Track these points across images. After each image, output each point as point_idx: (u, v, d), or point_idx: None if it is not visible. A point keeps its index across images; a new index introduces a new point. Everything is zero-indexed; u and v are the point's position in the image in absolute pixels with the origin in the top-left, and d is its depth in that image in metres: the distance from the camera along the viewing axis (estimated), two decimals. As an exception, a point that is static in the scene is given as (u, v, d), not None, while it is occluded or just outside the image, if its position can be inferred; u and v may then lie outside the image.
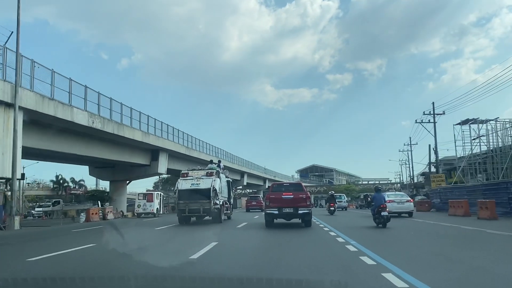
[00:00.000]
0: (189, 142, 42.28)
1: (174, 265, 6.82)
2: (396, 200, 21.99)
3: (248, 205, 39.43)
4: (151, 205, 33.22)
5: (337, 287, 5.09)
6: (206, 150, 47.83)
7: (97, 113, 24.58)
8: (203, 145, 46.68)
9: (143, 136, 31.15)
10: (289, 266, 6.74)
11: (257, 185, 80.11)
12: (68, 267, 7.51)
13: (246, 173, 66.94)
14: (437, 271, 6.00)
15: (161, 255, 8.62)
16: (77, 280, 5.84)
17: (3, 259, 9.41)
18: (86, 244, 11.04)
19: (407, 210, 21.89)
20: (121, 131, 27.47)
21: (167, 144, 36.37)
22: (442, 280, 5.36)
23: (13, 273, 6.88)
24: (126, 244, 8.97)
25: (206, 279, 5.74)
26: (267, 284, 5.38)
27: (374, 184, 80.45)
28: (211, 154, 49.97)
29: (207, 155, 47.71)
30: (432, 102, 43.17)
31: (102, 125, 24.72)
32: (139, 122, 30.71)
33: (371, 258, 7.13)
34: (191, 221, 19.94)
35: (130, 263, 7.11)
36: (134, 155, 33.94)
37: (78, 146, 26.51)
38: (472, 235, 11.91)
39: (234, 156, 62.00)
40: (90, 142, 27.96)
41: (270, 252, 8.86)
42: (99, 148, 29.20)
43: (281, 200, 14.83)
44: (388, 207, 18.02)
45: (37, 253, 9.18)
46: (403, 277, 5.35)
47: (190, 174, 19.92)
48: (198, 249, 8.54)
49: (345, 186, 79.65)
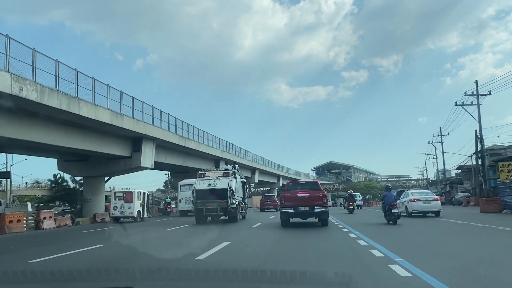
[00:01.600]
0: (184, 130, 34.82)
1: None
2: (421, 198, 20.55)
3: (262, 204, 38.44)
4: (130, 207, 25.92)
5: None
6: (207, 142, 40.43)
7: (31, 78, 17.16)
8: (202, 135, 39.11)
9: (113, 117, 23.60)
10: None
11: (270, 183, 74.00)
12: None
13: (258, 170, 60.04)
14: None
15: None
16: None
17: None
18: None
19: (434, 209, 20.25)
20: (75, 107, 20.02)
21: (152, 130, 28.63)
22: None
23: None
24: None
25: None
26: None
27: (395, 181, 76.84)
28: (214, 147, 42.68)
29: (208, 147, 40.41)
30: (475, 81, 36.24)
31: (38, 95, 17.33)
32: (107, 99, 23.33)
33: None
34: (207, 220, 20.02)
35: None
36: (109, 145, 26.65)
37: (25, 130, 19.61)
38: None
39: (243, 150, 54.53)
40: (49, 126, 21.04)
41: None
42: (63, 135, 22.18)
43: (296, 199, 14.56)
44: (412, 207, 19.84)
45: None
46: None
47: (207, 174, 20.41)
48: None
49: (366, 184, 73.53)
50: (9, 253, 10.89)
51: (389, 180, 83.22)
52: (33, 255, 9.44)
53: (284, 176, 74.07)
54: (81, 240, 13.59)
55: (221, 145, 44.93)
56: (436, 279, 5.06)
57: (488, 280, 5.30)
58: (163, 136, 30.44)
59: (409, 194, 21.44)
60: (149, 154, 29.73)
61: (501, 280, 5.38)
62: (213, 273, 5.61)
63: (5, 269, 7.02)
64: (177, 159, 36.32)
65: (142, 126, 27.43)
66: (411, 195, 21.17)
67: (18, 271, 6.28)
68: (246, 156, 54.56)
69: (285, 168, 77.66)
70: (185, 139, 34.62)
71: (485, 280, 5.29)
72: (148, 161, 29.66)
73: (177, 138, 33.16)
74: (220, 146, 44.77)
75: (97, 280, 5.52)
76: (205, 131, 40.04)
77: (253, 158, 57.85)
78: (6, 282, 5.41)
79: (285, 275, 5.32)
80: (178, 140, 33.32)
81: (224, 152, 45.41)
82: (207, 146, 40.21)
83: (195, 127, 37.57)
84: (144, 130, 27.63)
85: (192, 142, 36.38)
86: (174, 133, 32.55)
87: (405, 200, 21.17)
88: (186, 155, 37.75)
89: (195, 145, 36.98)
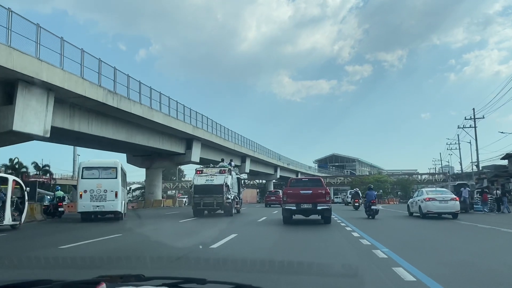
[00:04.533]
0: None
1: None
2: (438, 198, 17.56)
3: (267, 200, 39.30)
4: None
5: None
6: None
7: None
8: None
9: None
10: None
11: (265, 174, 63.02)
12: None
13: (249, 157, 51.01)
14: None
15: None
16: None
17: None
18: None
19: (451, 211, 17.42)
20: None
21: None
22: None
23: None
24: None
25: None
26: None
27: (401, 176, 70.55)
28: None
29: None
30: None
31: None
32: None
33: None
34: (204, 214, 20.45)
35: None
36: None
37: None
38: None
39: (230, 131, 47.78)
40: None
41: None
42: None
43: (299, 196, 14.16)
44: (427, 207, 17.49)
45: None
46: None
47: (204, 171, 21.34)
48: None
49: (376, 177, 64.41)
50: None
51: (394, 174, 78.06)
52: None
53: (282, 166, 64.98)
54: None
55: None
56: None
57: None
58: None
59: (424, 193, 18.89)
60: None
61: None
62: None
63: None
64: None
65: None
66: (426, 193, 18.53)
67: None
68: (234, 139, 44.77)
69: (285, 158, 67.78)
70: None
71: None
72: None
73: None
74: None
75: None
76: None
77: (242, 141, 47.62)
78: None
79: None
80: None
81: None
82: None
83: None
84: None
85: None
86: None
87: (419, 199, 18.45)
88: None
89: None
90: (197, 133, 34.48)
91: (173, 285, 1.59)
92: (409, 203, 20.21)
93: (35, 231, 14.06)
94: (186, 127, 32.41)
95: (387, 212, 24.12)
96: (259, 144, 55.41)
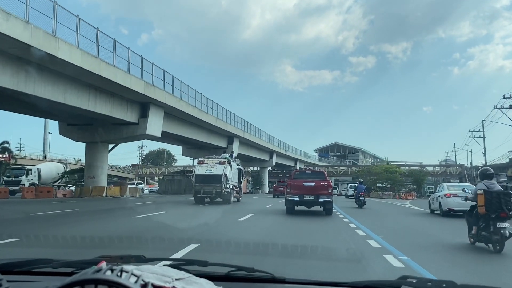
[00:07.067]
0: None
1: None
2: (460, 194, 14.88)
3: (275, 190, 37.88)
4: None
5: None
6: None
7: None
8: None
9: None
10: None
11: (259, 160, 54.70)
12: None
13: (238, 138, 41.69)
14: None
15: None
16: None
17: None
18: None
19: None
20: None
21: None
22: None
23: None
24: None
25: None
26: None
27: (411, 167, 62.24)
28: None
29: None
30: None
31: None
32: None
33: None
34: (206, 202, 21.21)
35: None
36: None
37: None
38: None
39: (261, 131, 48.48)
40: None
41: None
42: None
43: (302, 187, 14.53)
44: (447, 204, 15.70)
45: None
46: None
47: (205, 161, 21.86)
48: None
49: (385, 167, 53.23)
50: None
51: (401, 165, 65.05)
52: None
53: (279, 152, 57.55)
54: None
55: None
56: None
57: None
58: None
59: (445, 188, 16.94)
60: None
61: None
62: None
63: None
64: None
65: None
66: (447, 188, 16.62)
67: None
68: (217, 113, 36.30)
69: (282, 143, 59.96)
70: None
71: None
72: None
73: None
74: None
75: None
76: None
77: (231, 119, 39.93)
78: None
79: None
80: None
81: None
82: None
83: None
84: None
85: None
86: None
87: (439, 195, 16.73)
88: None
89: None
90: (154, 95, 23.95)
91: (174, 266, 1.45)
92: (430, 199, 18.33)
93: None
94: (136, 84, 22.09)
95: (404, 209, 21.55)
96: (252, 124, 45.61)
